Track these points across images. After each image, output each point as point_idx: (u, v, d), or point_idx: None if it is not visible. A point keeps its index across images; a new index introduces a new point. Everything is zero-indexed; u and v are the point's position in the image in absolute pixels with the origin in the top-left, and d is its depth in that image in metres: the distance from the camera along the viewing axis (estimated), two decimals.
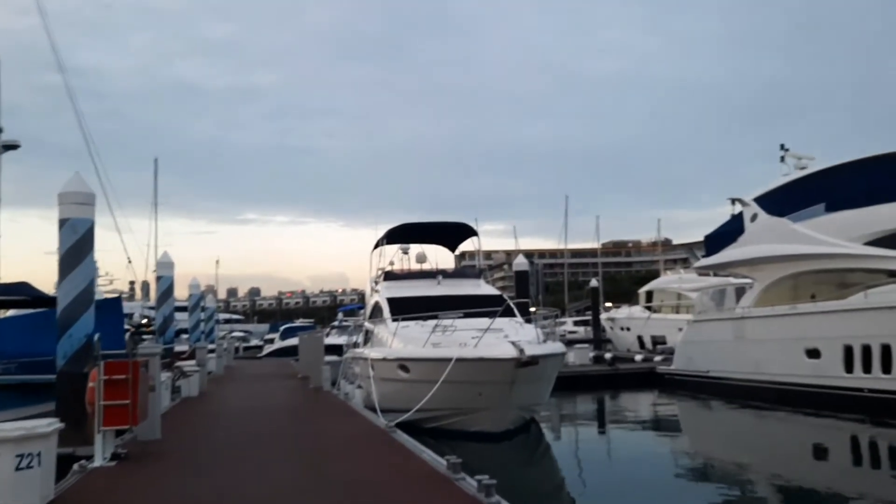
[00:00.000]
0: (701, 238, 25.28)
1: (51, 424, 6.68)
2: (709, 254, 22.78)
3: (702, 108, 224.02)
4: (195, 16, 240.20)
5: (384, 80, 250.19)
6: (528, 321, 15.56)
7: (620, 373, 26.01)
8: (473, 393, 12.51)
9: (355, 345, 20.61)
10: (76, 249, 10.80)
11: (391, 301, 16.86)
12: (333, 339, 32.70)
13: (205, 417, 13.64)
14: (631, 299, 47.07)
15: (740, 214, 21.78)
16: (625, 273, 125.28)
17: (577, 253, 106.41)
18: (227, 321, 59.82)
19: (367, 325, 18.82)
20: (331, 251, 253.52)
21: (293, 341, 41.33)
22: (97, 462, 8.65)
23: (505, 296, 17.67)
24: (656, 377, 24.81)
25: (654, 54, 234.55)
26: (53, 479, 6.94)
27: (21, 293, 14.01)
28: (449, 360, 12.21)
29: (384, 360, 14.56)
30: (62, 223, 10.84)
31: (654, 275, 50.89)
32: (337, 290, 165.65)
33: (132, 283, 54.01)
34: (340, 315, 64.72)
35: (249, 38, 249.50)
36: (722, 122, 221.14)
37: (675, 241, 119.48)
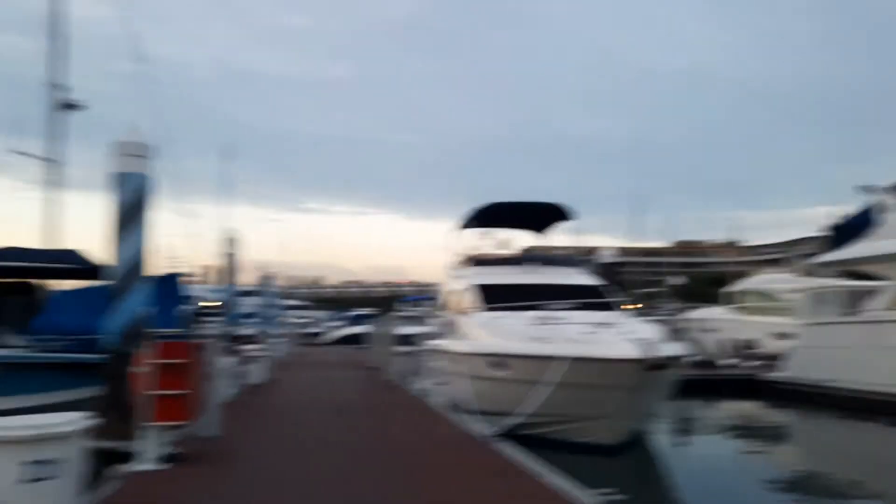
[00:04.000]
0: (782, 239, 22.73)
1: (74, 422, 4.95)
2: (832, 250, 20.18)
3: (778, 108, 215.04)
4: (270, 6, 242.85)
5: (449, 73, 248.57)
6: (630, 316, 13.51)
7: (715, 378, 23.61)
8: (585, 398, 10.51)
9: (431, 336, 18.77)
10: (129, 209, 9.20)
11: (479, 288, 14.93)
12: (400, 328, 31.05)
13: (270, 411, 12.05)
14: (704, 300, 44.66)
15: (868, 207, 19.24)
16: (695, 273, 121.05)
17: (645, 252, 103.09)
18: (292, 307, 59.02)
19: (449, 314, 16.96)
20: (390, 243, 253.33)
21: (356, 329, 40.08)
22: (146, 463, 7.02)
23: (611, 288, 15.57)
24: (758, 385, 22.32)
25: (730, 50, 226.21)
26: (77, 493, 5.25)
27: (69, 261, 12.66)
28: (557, 357, 10.22)
29: (473, 354, 12.67)
30: (114, 178, 9.26)
31: (727, 276, 48.44)
32: (396, 282, 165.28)
33: (200, 266, 53.64)
34: (403, 305, 63.41)
35: (322, 30, 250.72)
36: (799, 122, 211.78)
37: (749, 243, 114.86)
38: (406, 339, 22.62)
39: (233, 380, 14.44)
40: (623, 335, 10.63)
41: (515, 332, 11.91)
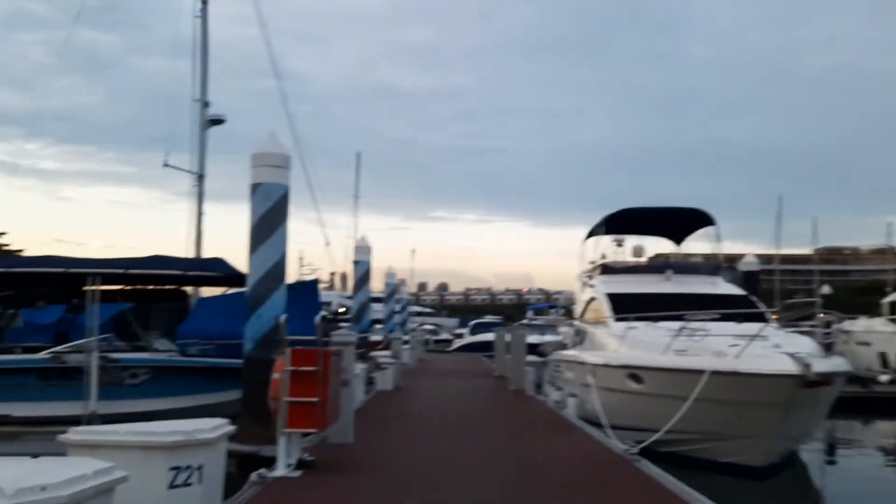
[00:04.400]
0: None
1: (217, 428, 5.00)
2: None
3: None
4: (396, 21, 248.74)
5: (574, 79, 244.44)
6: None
7: (871, 396, 21.69)
8: (732, 415, 9.80)
9: (562, 346, 18.32)
10: (268, 218, 9.45)
11: (612, 297, 14.39)
12: (528, 337, 30.61)
13: (401, 419, 12.03)
14: (852, 310, 41.42)
15: None
16: (843, 282, 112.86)
17: (787, 259, 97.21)
18: (418, 314, 59.82)
19: (579, 324, 16.47)
20: (517, 250, 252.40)
21: (483, 337, 39.91)
22: (280, 471, 7.07)
23: (753, 298, 14.61)
24: None
25: (880, 47, 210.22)
26: (219, 498, 5.30)
27: (215, 269, 13.22)
28: (702, 371, 9.58)
29: (608, 366, 12.17)
30: (254, 188, 9.52)
31: (884, 284, 44.66)
32: (522, 289, 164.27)
33: (332, 274, 55.36)
34: (530, 313, 62.77)
35: (446, 41, 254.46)
36: None
37: None
38: (534, 348, 22.24)
39: (363, 386, 14.61)
40: (776, 348, 9.85)
41: (654, 344, 11.33)
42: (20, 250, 47.84)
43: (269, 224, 9.48)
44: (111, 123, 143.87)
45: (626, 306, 13.66)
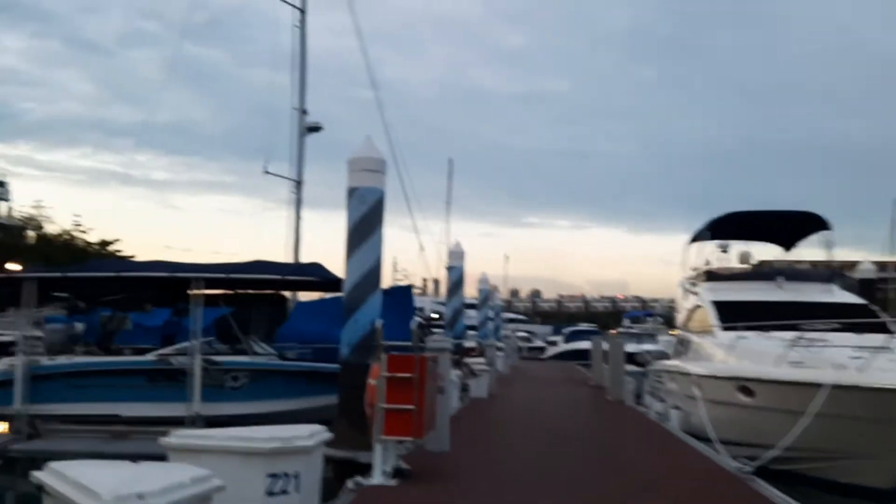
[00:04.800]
0: None
1: (314, 435, 4.90)
2: None
3: None
4: (490, 26, 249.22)
5: (671, 80, 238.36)
6: None
7: None
8: (855, 433, 9.06)
9: (663, 355, 17.65)
10: (364, 222, 9.42)
11: (718, 305, 13.69)
12: (626, 345, 29.79)
13: (497, 428, 11.78)
14: None
15: None
16: None
17: None
18: (511, 321, 59.44)
19: (682, 333, 15.78)
20: (611, 256, 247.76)
21: (578, 345, 39.18)
22: (376, 479, 6.95)
23: (874, 307, 13.60)
24: None
25: None
26: None
27: (312, 274, 13.38)
28: (822, 385, 8.90)
29: (716, 377, 11.54)
30: (350, 192, 9.51)
31: None
32: (617, 296, 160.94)
33: (425, 279, 55.76)
34: (627, 321, 61.38)
35: (539, 45, 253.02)
36: None
37: None
38: (631, 357, 21.55)
39: (457, 393, 14.45)
40: None
41: (767, 355, 10.66)
42: (132, 256, 50.51)
43: (365, 228, 9.45)
44: (216, 134, 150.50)
45: (734, 315, 12.95)
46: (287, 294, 16.57)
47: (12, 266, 31.96)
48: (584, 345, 34.15)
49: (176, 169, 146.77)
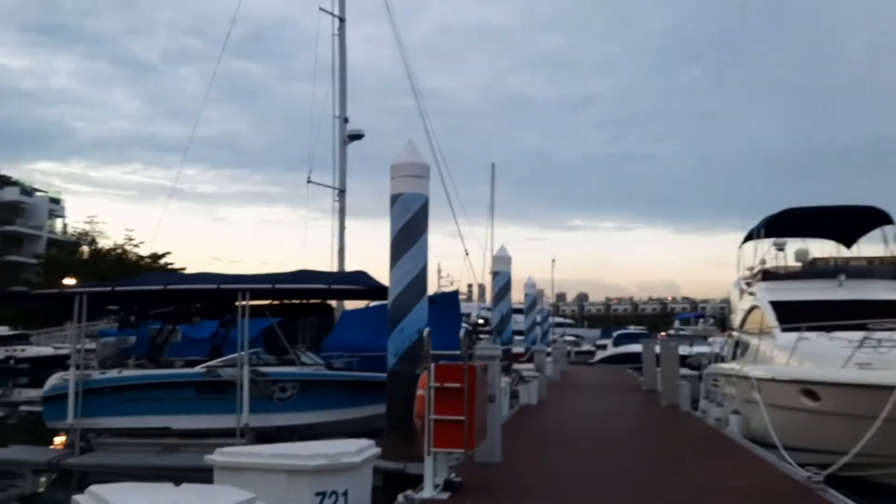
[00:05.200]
0: None
1: (362, 451, 4.71)
2: None
3: None
4: (529, 31, 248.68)
5: (717, 81, 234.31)
6: None
7: None
8: None
9: (718, 358, 17.07)
10: (408, 229, 9.27)
11: (777, 306, 13.17)
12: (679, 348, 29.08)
13: (548, 437, 11.47)
14: None
15: None
16: None
17: None
18: (559, 325, 58.82)
19: (739, 335, 15.25)
20: (659, 257, 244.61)
21: (628, 348, 38.48)
22: (427, 492, 6.75)
23: None
24: None
25: None
26: None
27: (357, 282, 13.24)
28: (893, 387, 8.42)
29: (777, 381, 11.06)
30: (393, 199, 9.36)
31: None
32: (666, 298, 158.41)
33: (469, 285, 55.53)
34: (677, 323, 60.18)
35: (580, 49, 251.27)
36: None
37: None
38: (682, 360, 20.99)
39: (507, 400, 14.17)
40: None
41: (831, 357, 10.17)
42: (182, 269, 51.41)
43: (409, 235, 9.30)
44: (260, 146, 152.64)
45: (794, 315, 12.41)
46: (333, 303, 16.49)
47: (68, 281, 32.76)
48: (633, 348, 33.48)
49: (222, 182, 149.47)
